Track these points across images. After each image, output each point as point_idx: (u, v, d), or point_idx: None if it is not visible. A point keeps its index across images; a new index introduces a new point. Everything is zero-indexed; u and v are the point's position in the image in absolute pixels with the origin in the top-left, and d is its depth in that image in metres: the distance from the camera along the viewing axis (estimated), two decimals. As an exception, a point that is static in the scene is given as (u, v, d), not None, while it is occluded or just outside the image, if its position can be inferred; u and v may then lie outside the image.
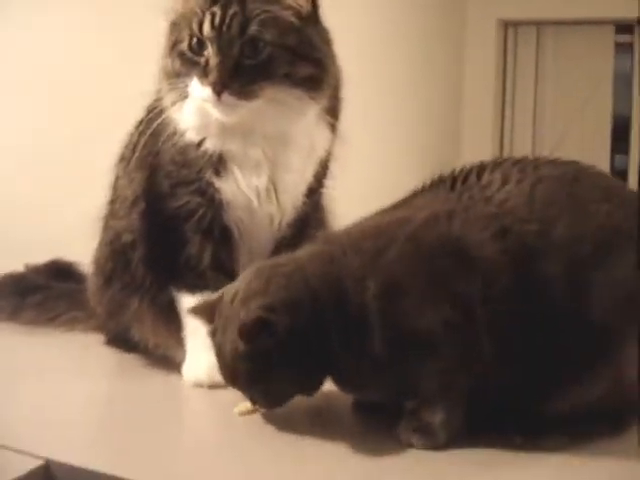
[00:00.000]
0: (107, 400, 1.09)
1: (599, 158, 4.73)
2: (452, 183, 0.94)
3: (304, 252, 0.97)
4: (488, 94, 4.84)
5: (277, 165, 1.14)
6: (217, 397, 1.08)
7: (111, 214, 1.29)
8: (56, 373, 1.20)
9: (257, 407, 0.98)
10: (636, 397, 0.88)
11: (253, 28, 1.04)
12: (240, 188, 1.14)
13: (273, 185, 1.15)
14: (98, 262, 1.30)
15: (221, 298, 0.97)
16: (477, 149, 4.75)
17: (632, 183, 4.06)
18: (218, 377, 1.10)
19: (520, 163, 0.94)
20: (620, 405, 0.90)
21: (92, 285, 1.33)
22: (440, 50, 4.32)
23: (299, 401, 0.97)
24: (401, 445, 0.89)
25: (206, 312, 0.99)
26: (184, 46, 1.08)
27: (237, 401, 1.01)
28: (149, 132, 1.17)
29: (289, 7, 1.07)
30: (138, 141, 1.20)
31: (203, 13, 1.05)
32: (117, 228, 1.25)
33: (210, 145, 1.12)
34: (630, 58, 4.77)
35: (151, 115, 1.17)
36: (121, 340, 1.29)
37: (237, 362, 0.91)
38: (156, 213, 1.18)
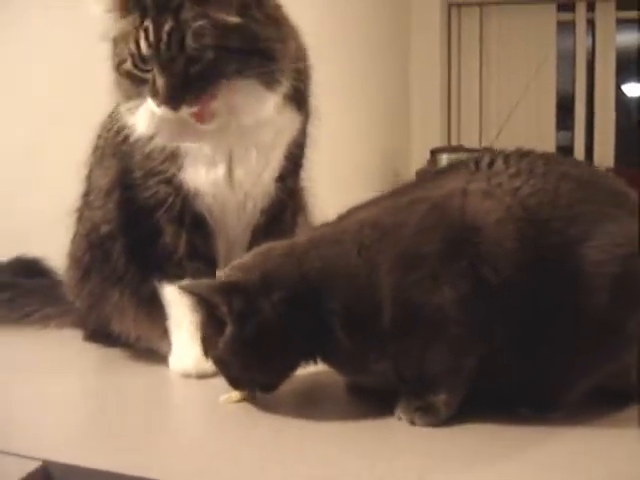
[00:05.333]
0: (96, 395, 1.06)
1: (545, 135, 4.81)
2: (476, 165, 0.94)
3: (312, 233, 0.96)
4: (434, 74, 4.87)
5: (234, 158, 1.12)
6: (207, 387, 1.06)
7: (86, 205, 1.26)
8: (39, 371, 1.16)
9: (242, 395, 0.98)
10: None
11: (191, 41, 0.99)
12: (201, 179, 1.12)
13: (234, 176, 1.13)
14: (75, 255, 1.27)
15: None
16: (425, 129, 4.80)
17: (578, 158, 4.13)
18: (206, 366, 1.09)
19: (543, 157, 0.94)
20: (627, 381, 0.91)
21: (69, 279, 1.29)
22: (386, 31, 4.32)
23: (289, 386, 0.96)
24: (400, 423, 0.89)
25: None
26: (128, 65, 1.03)
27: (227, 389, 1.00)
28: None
29: (224, 6, 1.00)
30: (111, 129, 1.17)
31: (137, 30, 1.01)
32: (94, 219, 1.22)
33: (161, 140, 1.10)
34: (572, 36, 4.85)
35: None
36: (101, 334, 1.26)
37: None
38: (130, 203, 1.16)
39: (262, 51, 1.03)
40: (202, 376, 1.09)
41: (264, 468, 0.79)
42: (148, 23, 1.00)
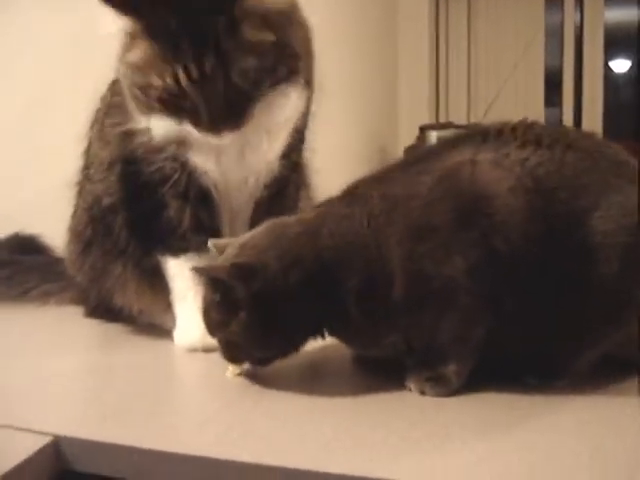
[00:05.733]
0: (103, 371, 1.05)
1: (533, 111, 4.81)
2: (484, 137, 0.93)
3: (320, 209, 0.95)
4: (423, 51, 4.86)
5: (247, 144, 1.10)
6: (213, 360, 1.05)
7: (87, 179, 1.24)
8: (42, 348, 1.16)
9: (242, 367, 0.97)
10: None
11: (237, 75, 0.96)
12: (211, 163, 1.11)
13: (243, 157, 1.12)
14: (75, 229, 1.25)
15: (228, 243, 0.96)
16: (414, 106, 4.79)
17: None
18: (212, 340, 1.08)
19: (549, 128, 0.95)
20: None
21: (70, 253, 1.28)
22: (374, 9, 4.29)
23: (295, 359, 0.96)
24: (410, 394, 0.89)
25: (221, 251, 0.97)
26: (160, 92, 0.99)
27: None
28: (120, 91, 1.10)
29: (256, 24, 0.97)
30: (111, 102, 1.16)
31: (171, 65, 0.96)
32: (96, 192, 1.20)
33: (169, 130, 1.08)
34: (560, 12, 4.84)
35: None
36: (103, 310, 1.25)
37: (206, 306, 0.94)
38: (132, 177, 1.13)
39: (291, 56, 1.03)
40: (208, 350, 1.08)
41: (277, 440, 0.78)
42: (187, 60, 0.95)
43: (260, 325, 0.89)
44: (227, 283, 0.88)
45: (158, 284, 1.16)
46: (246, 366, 0.98)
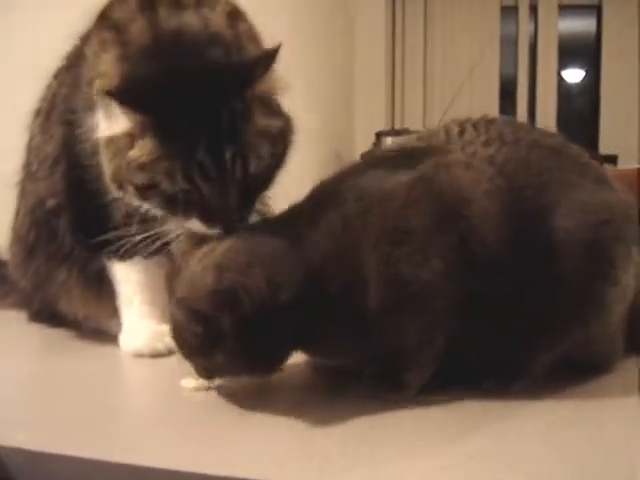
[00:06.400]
0: (46, 378, 1.01)
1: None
2: (446, 134, 0.92)
3: (290, 215, 0.90)
4: (379, 58, 4.88)
5: None
6: (160, 366, 1.03)
7: (28, 177, 1.18)
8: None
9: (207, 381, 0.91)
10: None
11: (254, 165, 0.91)
12: None
13: None
14: (18, 232, 1.20)
15: (194, 248, 0.88)
16: (370, 112, 4.81)
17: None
18: (159, 345, 1.05)
19: (510, 125, 0.94)
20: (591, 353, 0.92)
21: (13, 257, 1.23)
22: (330, 14, 4.29)
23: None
24: (366, 403, 0.85)
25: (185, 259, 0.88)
26: (166, 189, 0.89)
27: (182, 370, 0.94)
28: (69, 82, 1.06)
29: (265, 111, 0.93)
30: (57, 92, 1.11)
31: (183, 163, 0.87)
32: (38, 192, 1.14)
33: None
34: (515, 22, 4.91)
35: (72, 64, 1.07)
36: (47, 315, 1.21)
37: (179, 330, 0.86)
38: (78, 175, 1.07)
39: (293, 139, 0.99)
40: (155, 355, 1.05)
41: (226, 450, 0.75)
42: (201, 155, 0.87)
43: (247, 350, 0.83)
44: (210, 314, 0.80)
45: (104, 289, 1.12)
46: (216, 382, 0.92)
